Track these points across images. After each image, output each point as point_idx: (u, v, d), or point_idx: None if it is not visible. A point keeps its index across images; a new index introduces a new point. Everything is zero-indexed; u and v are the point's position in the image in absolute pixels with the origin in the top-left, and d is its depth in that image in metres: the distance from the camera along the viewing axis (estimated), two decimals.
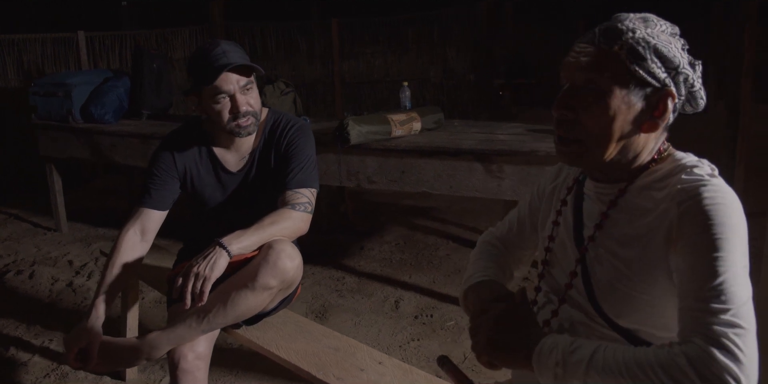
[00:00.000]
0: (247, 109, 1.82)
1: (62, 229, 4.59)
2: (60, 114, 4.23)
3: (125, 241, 1.82)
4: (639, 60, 0.98)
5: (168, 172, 1.92)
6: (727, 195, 0.96)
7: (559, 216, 1.19)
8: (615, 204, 1.07)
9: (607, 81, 0.99)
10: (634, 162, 1.06)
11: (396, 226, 4.48)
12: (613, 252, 1.05)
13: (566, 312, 1.13)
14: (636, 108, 1.00)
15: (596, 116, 1.00)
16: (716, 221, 0.92)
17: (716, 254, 0.91)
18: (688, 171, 1.00)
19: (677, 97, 1.01)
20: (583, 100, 1.01)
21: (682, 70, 0.99)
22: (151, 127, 3.98)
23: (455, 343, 2.74)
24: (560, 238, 1.17)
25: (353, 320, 3.00)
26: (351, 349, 1.71)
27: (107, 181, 6.36)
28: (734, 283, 0.89)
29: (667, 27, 1.03)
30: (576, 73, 1.02)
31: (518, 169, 2.65)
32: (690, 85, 1.01)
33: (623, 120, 1.00)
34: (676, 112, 1.04)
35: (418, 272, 3.59)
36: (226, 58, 1.77)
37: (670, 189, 0.99)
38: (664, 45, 0.99)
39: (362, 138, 2.94)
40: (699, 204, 0.94)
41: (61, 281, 3.63)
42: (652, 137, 1.04)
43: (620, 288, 1.03)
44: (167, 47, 7.25)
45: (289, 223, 1.77)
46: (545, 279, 1.21)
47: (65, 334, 2.92)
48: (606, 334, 1.07)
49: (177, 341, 1.67)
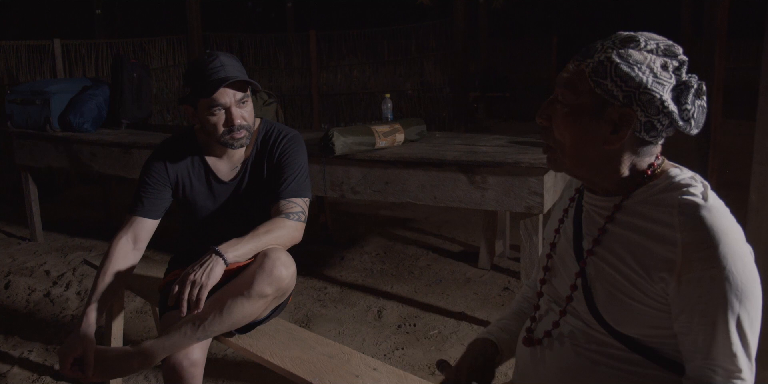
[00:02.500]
0: (241, 122, 1.85)
1: (37, 238, 4.52)
2: (37, 122, 4.19)
3: (118, 249, 1.82)
4: (599, 78, 1.03)
5: (160, 180, 1.93)
6: (726, 219, 1.00)
7: (561, 224, 1.23)
8: (612, 219, 1.11)
9: (574, 96, 1.06)
10: (616, 175, 1.10)
11: (375, 236, 4.51)
12: (612, 265, 1.08)
13: (567, 320, 1.17)
14: (596, 123, 1.05)
15: (562, 127, 1.08)
16: (721, 254, 0.97)
17: (726, 307, 0.98)
18: (684, 191, 1.03)
19: (643, 116, 1.03)
20: (555, 111, 1.09)
21: (645, 90, 1.01)
22: (131, 136, 3.96)
23: (439, 351, 2.77)
24: (561, 247, 1.22)
25: (337, 330, 3.02)
26: (345, 357, 1.73)
27: (82, 190, 6.29)
28: (741, 343, 0.99)
29: (657, 46, 1.04)
30: (557, 87, 1.10)
31: (502, 180, 2.70)
32: (660, 105, 1.01)
33: (584, 134, 1.06)
34: (659, 132, 1.05)
35: (399, 282, 3.62)
36: (224, 71, 1.80)
37: (669, 209, 1.02)
38: (628, 64, 1.02)
39: (347, 149, 2.97)
40: (703, 233, 0.98)
41: (38, 291, 3.58)
42: (627, 152, 1.07)
43: (620, 298, 1.07)
44: (144, 56, 7.22)
45: (284, 232, 1.79)
46: (546, 285, 1.25)
47: (45, 344, 2.89)
48: (606, 341, 1.10)
49: (172, 349, 1.68)
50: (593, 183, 1.14)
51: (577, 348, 1.13)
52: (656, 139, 1.07)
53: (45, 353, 2.82)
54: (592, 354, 1.12)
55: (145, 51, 7.29)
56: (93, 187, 6.19)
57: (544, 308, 1.24)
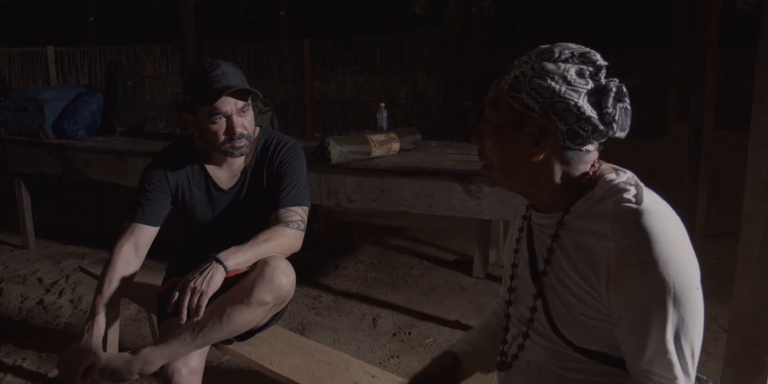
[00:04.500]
0: (242, 131, 1.86)
1: (30, 246, 4.50)
2: (31, 129, 4.18)
3: (120, 257, 1.83)
4: (515, 93, 1.06)
5: (160, 187, 1.94)
6: (661, 222, 0.99)
7: (519, 244, 1.23)
8: (557, 236, 1.10)
9: (496, 114, 1.09)
10: (550, 188, 1.10)
11: (369, 245, 4.52)
12: (563, 284, 1.08)
13: (534, 341, 1.17)
14: (519, 137, 1.07)
15: (491, 144, 1.11)
16: (653, 259, 0.96)
17: (660, 314, 0.98)
18: (617, 197, 1.03)
19: (562, 125, 1.04)
20: (484, 131, 1.12)
21: (559, 98, 1.02)
22: (125, 143, 3.96)
23: None
24: (521, 268, 1.21)
25: (332, 338, 3.02)
26: (344, 364, 1.74)
27: (75, 197, 6.26)
28: (676, 351, 0.99)
29: (571, 55, 1.05)
30: (485, 107, 1.13)
31: (496, 190, 2.72)
32: (576, 111, 1.02)
33: (510, 149, 1.08)
34: (584, 139, 1.05)
35: (393, 291, 3.62)
36: (226, 80, 1.81)
37: (603, 219, 1.02)
38: (541, 76, 1.04)
39: (342, 157, 2.98)
40: (635, 239, 0.97)
41: (31, 299, 3.56)
42: (555, 164, 1.08)
43: (575, 316, 1.07)
44: (137, 64, 7.23)
45: (284, 240, 1.80)
46: (512, 307, 1.24)
47: (39, 352, 2.88)
48: (575, 357, 1.11)
49: (171, 356, 1.68)
50: (532, 197, 1.15)
51: (546, 367, 1.14)
52: (583, 146, 1.06)
53: (38, 361, 2.81)
54: (563, 371, 1.12)
55: (139, 58, 7.30)
56: (85, 194, 6.17)
57: (514, 331, 1.23)
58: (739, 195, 1.83)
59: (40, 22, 9.76)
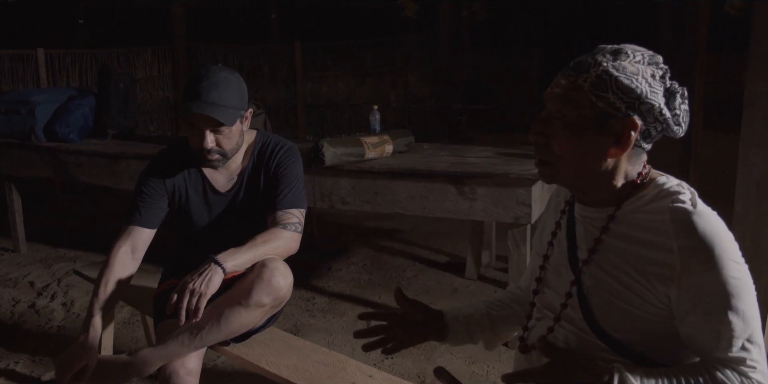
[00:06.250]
0: (212, 147, 1.83)
1: (21, 249, 4.47)
2: (22, 132, 4.15)
3: (117, 259, 1.83)
4: (601, 91, 1.07)
5: (157, 190, 1.94)
6: (717, 223, 1.06)
7: (554, 237, 1.26)
8: (607, 229, 1.14)
9: (573, 111, 1.09)
10: (611, 185, 1.13)
11: (362, 247, 4.53)
12: (610, 274, 1.12)
13: (561, 326, 1.20)
14: (599, 136, 1.08)
15: (563, 143, 1.10)
16: (716, 257, 1.03)
17: (728, 304, 1.03)
18: (674, 198, 1.08)
19: (642, 125, 1.08)
20: (552, 128, 1.12)
21: (645, 100, 1.06)
22: (118, 146, 3.95)
23: (428, 360, 2.80)
24: (554, 259, 1.25)
25: (326, 339, 3.03)
26: (341, 364, 1.75)
27: (66, 201, 6.23)
28: (746, 333, 1.04)
29: (642, 57, 1.10)
30: (549, 103, 1.13)
31: (490, 191, 2.74)
32: (658, 113, 1.07)
33: (587, 146, 1.09)
34: (652, 138, 1.12)
35: (387, 292, 3.63)
36: (206, 96, 1.77)
37: (661, 217, 1.07)
38: (627, 76, 1.06)
39: (336, 159, 2.99)
40: (697, 238, 1.04)
41: (22, 303, 3.55)
42: (623, 162, 1.12)
43: (618, 305, 1.10)
44: (129, 66, 7.21)
45: (281, 242, 1.81)
46: (539, 296, 1.27)
47: (31, 356, 2.87)
48: (599, 346, 1.14)
49: (168, 357, 1.68)
50: (586, 194, 1.17)
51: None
52: (648, 145, 1.12)
53: (31, 364, 2.80)
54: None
55: (130, 61, 7.28)
56: (76, 197, 6.14)
57: (538, 315, 1.27)
58: (729, 196, 1.86)
59: (30, 25, 9.71)
